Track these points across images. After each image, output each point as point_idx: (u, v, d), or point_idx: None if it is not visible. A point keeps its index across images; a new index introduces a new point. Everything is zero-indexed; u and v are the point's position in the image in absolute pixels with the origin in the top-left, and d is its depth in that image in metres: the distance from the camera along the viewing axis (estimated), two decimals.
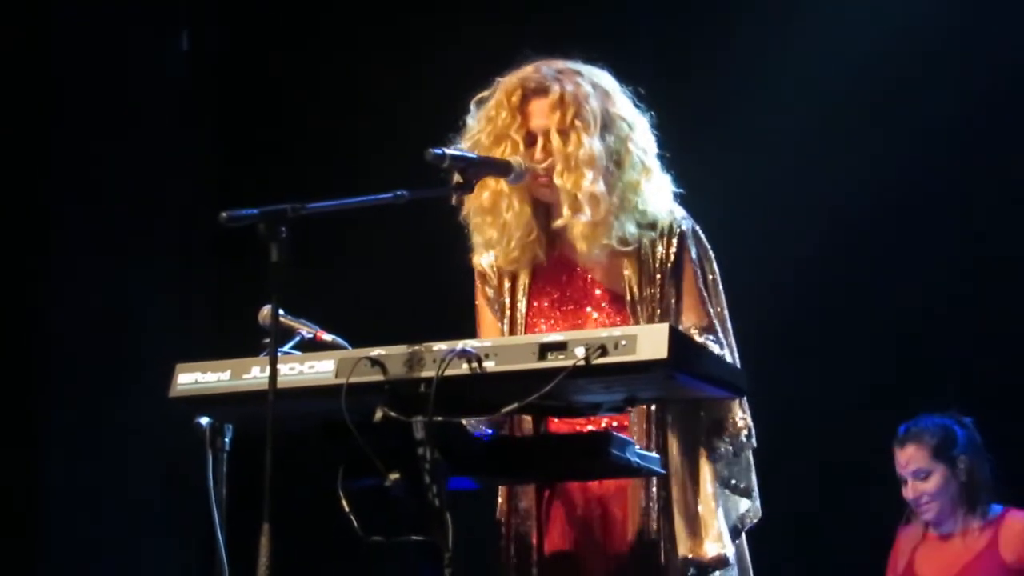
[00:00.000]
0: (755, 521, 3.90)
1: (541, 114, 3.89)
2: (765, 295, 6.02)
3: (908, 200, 6.36)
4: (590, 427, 3.84)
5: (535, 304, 3.97)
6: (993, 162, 6.30)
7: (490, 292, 4.02)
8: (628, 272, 3.89)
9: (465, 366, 3.31)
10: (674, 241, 3.89)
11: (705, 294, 3.89)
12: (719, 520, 3.80)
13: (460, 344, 3.34)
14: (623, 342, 3.23)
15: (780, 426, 4.67)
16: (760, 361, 4.19)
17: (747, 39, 6.50)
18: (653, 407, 3.81)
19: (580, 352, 3.24)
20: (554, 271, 3.98)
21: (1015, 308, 6.21)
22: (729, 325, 3.94)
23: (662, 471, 3.69)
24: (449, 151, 3.63)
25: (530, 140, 3.89)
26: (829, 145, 6.39)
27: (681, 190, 3.99)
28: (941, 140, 6.26)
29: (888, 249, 6.43)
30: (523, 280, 3.98)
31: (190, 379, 3.48)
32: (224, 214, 3.39)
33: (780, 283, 6.29)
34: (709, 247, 3.95)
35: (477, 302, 4.07)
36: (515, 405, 3.32)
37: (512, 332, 3.95)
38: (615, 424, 3.85)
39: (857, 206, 6.40)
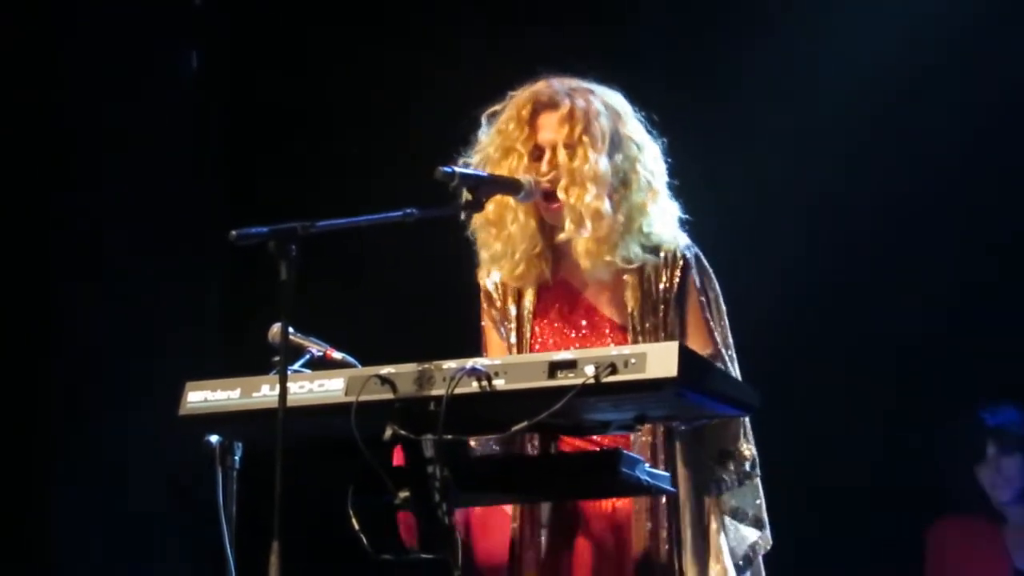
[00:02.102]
0: (766, 550, 3.89)
1: (550, 128, 3.90)
2: (765, 303, 6.01)
3: (910, 213, 6.36)
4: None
5: (540, 325, 3.97)
6: (997, 171, 6.31)
7: (495, 314, 4.02)
8: (630, 301, 3.88)
9: (475, 384, 3.30)
10: (677, 270, 3.88)
11: (710, 323, 3.89)
12: (724, 554, 3.80)
13: (470, 362, 3.34)
14: (633, 360, 3.23)
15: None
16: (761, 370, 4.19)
17: (750, 49, 6.49)
18: (660, 433, 3.81)
19: (590, 370, 3.23)
20: (557, 294, 3.98)
21: (1018, 318, 6.22)
22: (733, 350, 3.93)
23: (673, 490, 3.68)
24: (459, 169, 3.63)
25: (537, 154, 3.90)
26: (831, 155, 6.39)
27: (688, 216, 4.00)
28: (944, 150, 6.27)
29: (891, 260, 6.43)
30: (528, 300, 3.98)
31: (199, 397, 3.48)
32: (234, 232, 3.39)
33: (780, 291, 6.28)
34: (712, 272, 3.94)
35: (483, 323, 4.07)
36: (525, 423, 3.32)
37: (520, 351, 3.95)
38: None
39: (858, 216, 6.41)
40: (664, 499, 3.77)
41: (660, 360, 3.22)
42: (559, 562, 3.86)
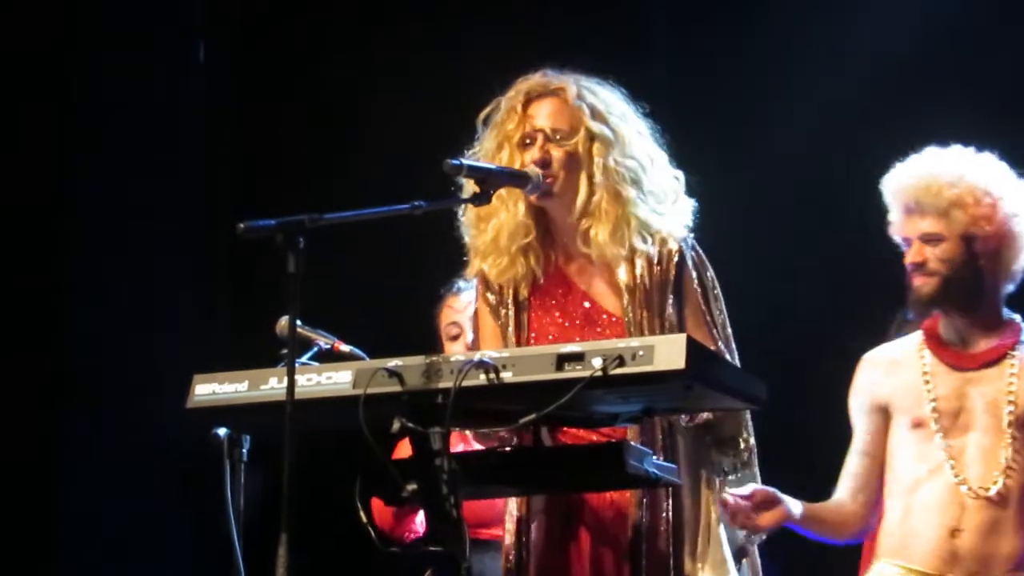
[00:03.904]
0: (761, 540, 3.90)
1: (540, 116, 3.92)
2: (770, 310, 6.00)
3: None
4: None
5: (538, 316, 3.97)
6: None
7: (492, 298, 4.01)
8: (626, 294, 3.88)
9: (482, 377, 3.28)
10: (673, 262, 3.88)
11: (708, 315, 3.89)
12: (723, 545, 3.81)
13: (477, 355, 3.33)
14: (640, 352, 3.21)
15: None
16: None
17: (752, 55, 6.49)
18: (660, 426, 3.80)
19: (597, 363, 3.21)
20: (553, 285, 3.97)
21: None
22: (733, 342, 3.94)
23: (679, 481, 3.69)
24: (466, 161, 3.63)
25: (526, 141, 3.90)
26: (835, 157, 6.37)
27: (693, 215, 3.99)
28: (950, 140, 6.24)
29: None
30: (524, 290, 3.97)
31: (207, 390, 3.47)
32: (241, 225, 3.35)
33: (785, 296, 6.27)
34: (708, 263, 3.94)
35: (477, 305, 4.06)
36: (533, 416, 3.31)
37: (518, 340, 3.95)
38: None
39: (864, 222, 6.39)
40: (667, 489, 3.78)
41: (668, 352, 3.20)
42: (559, 551, 3.86)
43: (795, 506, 3.96)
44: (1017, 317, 4.16)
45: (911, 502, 4.05)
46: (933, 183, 4.07)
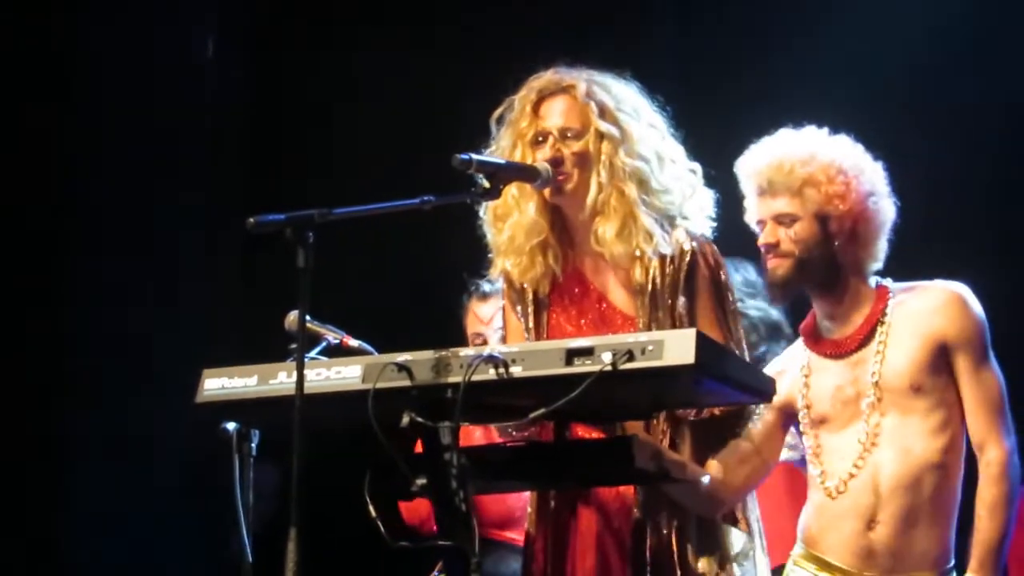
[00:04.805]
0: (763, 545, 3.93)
1: (552, 114, 3.92)
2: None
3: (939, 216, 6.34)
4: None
5: (555, 312, 3.98)
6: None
7: (514, 295, 4.03)
8: (639, 292, 3.89)
9: (492, 371, 3.29)
10: (686, 259, 3.87)
11: (721, 313, 3.89)
12: (728, 541, 3.83)
13: (487, 349, 3.33)
14: (650, 347, 3.21)
15: None
16: None
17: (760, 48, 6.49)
18: (666, 424, 3.81)
19: (607, 357, 3.22)
20: (570, 282, 3.99)
21: None
22: (744, 339, 3.93)
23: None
24: (475, 156, 3.63)
25: (539, 139, 3.91)
26: None
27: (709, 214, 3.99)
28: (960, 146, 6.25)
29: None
30: (544, 292, 3.99)
31: (216, 384, 3.48)
32: (251, 220, 3.36)
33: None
34: (722, 260, 3.94)
35: (504, 303, 4.09)
36: (542, 411, 3.31)
37: (538, 337, 3.96)
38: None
39: None
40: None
41: (678, 347, 3.20)
42: (567, 542, 3.87)
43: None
44: (887, 281, 4.11)
45: (828, 498, 4.01)
46: (785, 162, 4.02)
